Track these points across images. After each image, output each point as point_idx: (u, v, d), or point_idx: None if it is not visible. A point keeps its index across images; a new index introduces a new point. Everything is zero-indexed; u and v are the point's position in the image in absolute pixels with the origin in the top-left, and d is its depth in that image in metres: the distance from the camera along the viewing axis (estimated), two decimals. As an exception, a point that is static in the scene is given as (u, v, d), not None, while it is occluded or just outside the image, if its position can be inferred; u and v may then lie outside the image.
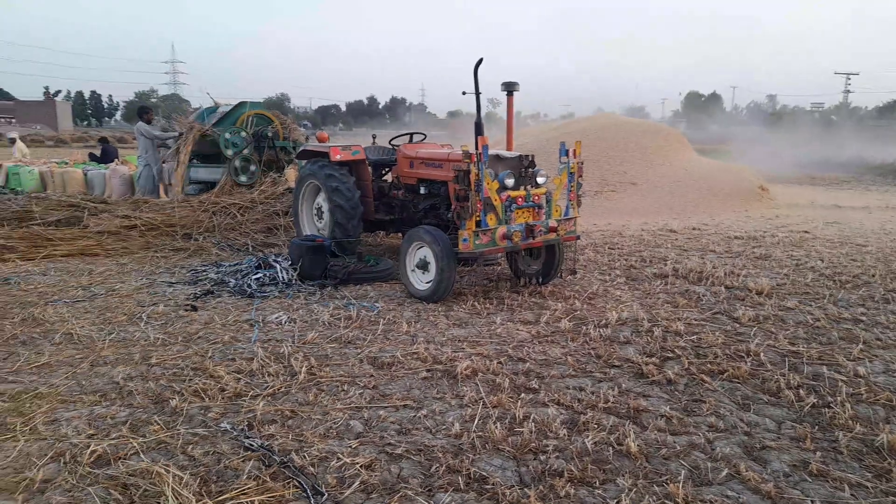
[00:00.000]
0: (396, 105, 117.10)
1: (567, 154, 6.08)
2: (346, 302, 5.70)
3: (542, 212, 5.98)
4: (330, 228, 7.07)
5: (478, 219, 5.51)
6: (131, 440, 3.06)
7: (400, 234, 8.27)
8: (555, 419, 3.34)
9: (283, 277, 6.33)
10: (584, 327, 4.98)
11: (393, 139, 7.66)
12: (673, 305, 5.70)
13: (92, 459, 2.88)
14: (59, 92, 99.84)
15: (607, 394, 3.69)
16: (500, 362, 4.21)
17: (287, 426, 3.27)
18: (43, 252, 7.35)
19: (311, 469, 2.83)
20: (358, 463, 2.88)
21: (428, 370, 4.09)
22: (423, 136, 7.69)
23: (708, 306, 5.68)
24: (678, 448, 3.08)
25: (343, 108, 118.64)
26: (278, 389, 3.74)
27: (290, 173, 10.74)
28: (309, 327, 4.96)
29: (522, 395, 3.70)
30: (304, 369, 4.00)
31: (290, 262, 6.58)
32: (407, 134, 7.64)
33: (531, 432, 3.17)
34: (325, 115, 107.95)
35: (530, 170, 6.03)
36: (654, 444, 3.11)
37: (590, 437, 3.14)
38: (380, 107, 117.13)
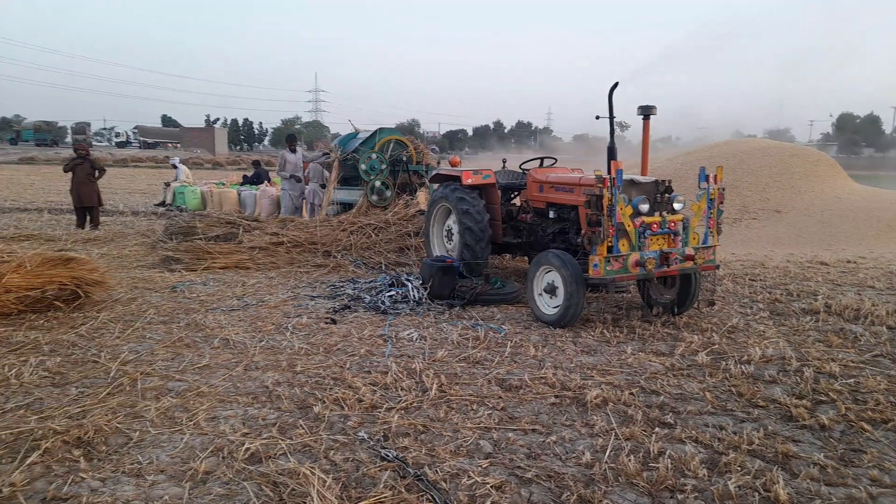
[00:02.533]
0: (522, 129, 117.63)
1: (707, 179, 5.83)
2: (474, 322, 5.80)
3: (679, 239, 5.76)
4: (459, 250, 7.24)
5: (609, 244, 5.42)
6: (280, 441, 3.31)
7: (526, 258, 8.31)
8: (693, 457, 3.18)
9: (414, 296, 6.56)
10: (724, 362, 4.71)
11: (523, 163, 7.73)
12: (826, 344, 5.24)
13: (246, 456, 3.15)
14: (217, 119, 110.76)
15: (751, 435, 3.47)
16: (631, 393, 4.08)
17: (420, 440, 3.38)
18: (204, 264, 8.14)
19: (444, 484, 2.91)
20: (488, 483, 2.91)
21: (556, 396, 4.06)
22: (553, 161, 7.70)
23: (867, 347, 5.16)
24: (834, 500, 2.83)
25: (470, 133, 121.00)
26: (411, 404, 3.87)
27: (422, 196, 11.15)
28: (439, 345, 5.10)
29: (657, 429, 3.57)
30: (434, 386, 4.11)
31: (420, 282, 6.81)
32: (537, 158, 7.68)
33: (667, 469, 3.04)
34: (453, 140, 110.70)
35: (667, 195, 5.84)
36: (807, 494, 2.88)
37: (732, 480, 2.96)
38: (505, 131, 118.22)
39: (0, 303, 5.43)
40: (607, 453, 3.24)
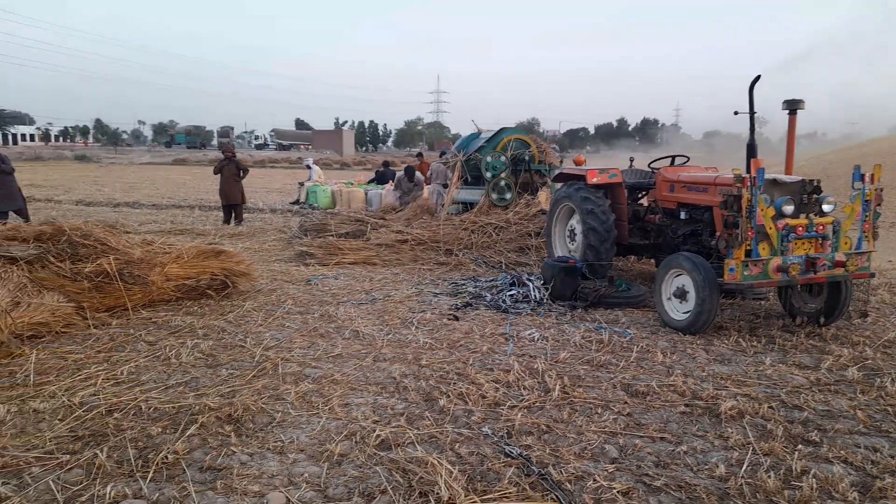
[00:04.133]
0: (648, 126, 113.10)
1: (862, 179, 5.32)
2: (598, 325, 5.68)
3: (828, 243, 5.31)
4: (582, 251, 7.12)
5: (748, 248, 5.10)
6: (408, 430, 3.44)
7: (653, 261, 8.01)
8: (842, 479, 2.94)
9: (535, 296, 6.54)
10: (879, 379, 4.29)
11: (652, 162, 7.46)
12: None
13: (377, 442, 3.31)
14: (345, 122, 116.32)
15: (913, 461, 3.14)
16: (771, 407, 3.83)
17: (543, 440, 3.38)
18: (335, 259, 8.60)
19: (568, 486, 2.89)
20: (615, 488, 2.86)
21: (686, 405, 3.89)
22: (685, 159, 7.36)
23: None
24: None
25: (591, 131, 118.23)
26: (533, 403, 3.88)
27: (543, 195, 11.07)
28: (561, 347, 5.05)
29: (800, 446, 3.32)
30: (557, 387, 4.09)
31: (542, 282, 6.78)
32: (668, 157, 7.38)
33: (812, 489, 2.83)
34: (574, 138, 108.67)
35: (814, 196, 5.41)
36: (983, 532, 2.56)
37: (890, 508, 2.70)
38: (629, 128, 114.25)
39: (161, 290, 6.05)
40: (744, 467, 3.07)
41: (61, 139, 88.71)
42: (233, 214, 12.72)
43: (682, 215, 6.55)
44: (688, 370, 4.53)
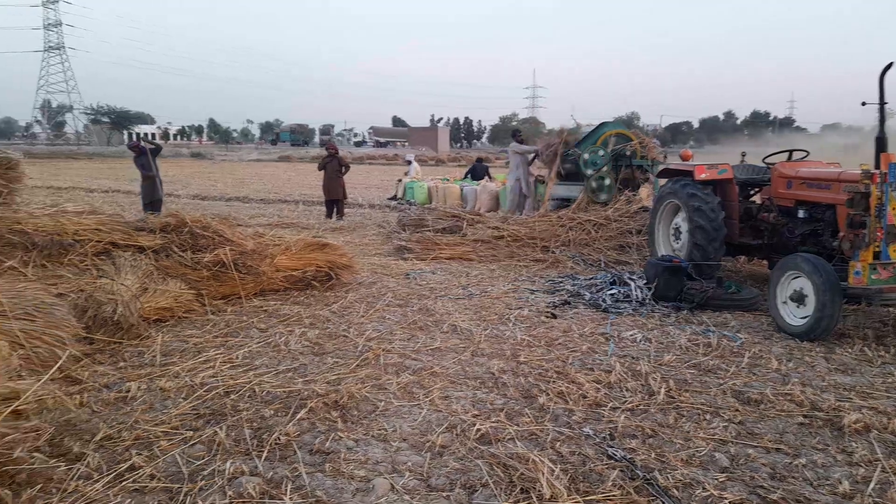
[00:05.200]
0: (758, 119, 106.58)
1: None
2: (705, 328, 5.43)
3: (974, 246, 4.80)
4: (688, 250, 6.82)
5: (877, 249, 4.71)
6: (507, 426, 3.44)
7: (765, 261, 7.55)
8: None
9: (637, 295, 6.34)
10: None
11: (767, 157, 7.03)
12: None
13: (477, 436, 3.33)
14: (440, 119, 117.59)
15: None
16: (903, 423, 3.51)
17: (648, 444, 3.28)
18: (432, 254, 8.73)
19: (675, 492, 2.79)
20: (726, 498, 2.73)
21: (805, 416, 3.65)
22: (804, 153, 6.88)
23: None
24: None
25: (695, 125, 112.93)
26: (637, 406, 3.77)
27: (645, 192, 10.71)
28: (665, 349, 4.88)
29: (939, 467, 3.03)
30: (662, 390, 3.95)
31: (644, 281, 6.57)
32: (785, 151, 6.93)
33: (955, 516, 2.58)
34: (676, 133, 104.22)
35: (956, 194, 4.90)
36: None
37: None
38: (738, 122, 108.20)
39: (271, 280, 6.38)
40: (871, 485, 2.84)
41: (179, 137, 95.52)
42: (334, 209, 13.19)
43: (801, 214, 6.13)
44: (806, 379, 4.24)
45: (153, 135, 76.72)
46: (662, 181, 8.01)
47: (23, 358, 3.77)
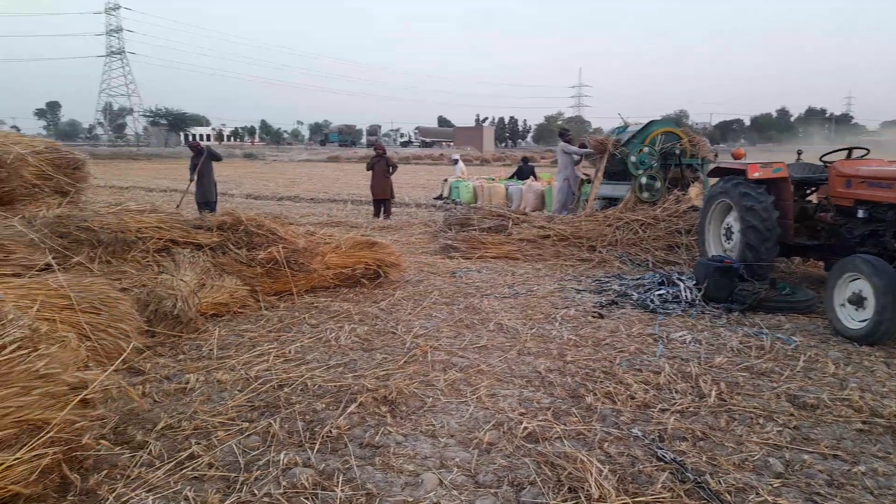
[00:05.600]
0: (813, 116, 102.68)
1: None
2: (757, 330, 5.30)
3: None
4: (739, 250, 6.67)
5: (944, 251, 4.51)
6: (554, 425, 3.45)
7: (821, 263, 7.31)
8: None
9: (686, 296, 6.23)
10: None
11: (825, 155, 6.81)
12: None
13: (524, 434, 3.35)
14: (486, 119, 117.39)
15: None
16: (971, 432, 3.37)
17: (698, 447, 3.23)
18: (477, 253, 8.77)
19: (728, 497, 2.75)
20: (781, 504, 2.68)
21: (864, 422, 3.54)
22: (864, 152, 6.63)
23: None
24: None
25: (747, 123, 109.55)
26: (686, 408, 3.72)
27: (694, 191, 10.49)
28: (716, 351, 4.79)
29: None
30: (713, 393, 3.89)
31: (694, 282, 6.44)
32: (844, 149, 6.69)
33: None
34: (726, 131, 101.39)
35: None
36: None
37: None
38: (791, 119, 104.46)
39: (322, 277, 6.52)
40: (937, 497, 2.74)
41: (232, 139, 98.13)
42: (382, 209, 13.35)
43: (861, 214, 5.91)
44: (865, 384, 4.10)
45: (207, 136, 79.03)
46: (713, 180, 7.84)
47: (89, 349, 3.97)
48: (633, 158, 10.09)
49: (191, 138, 36.87)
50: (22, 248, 4.73)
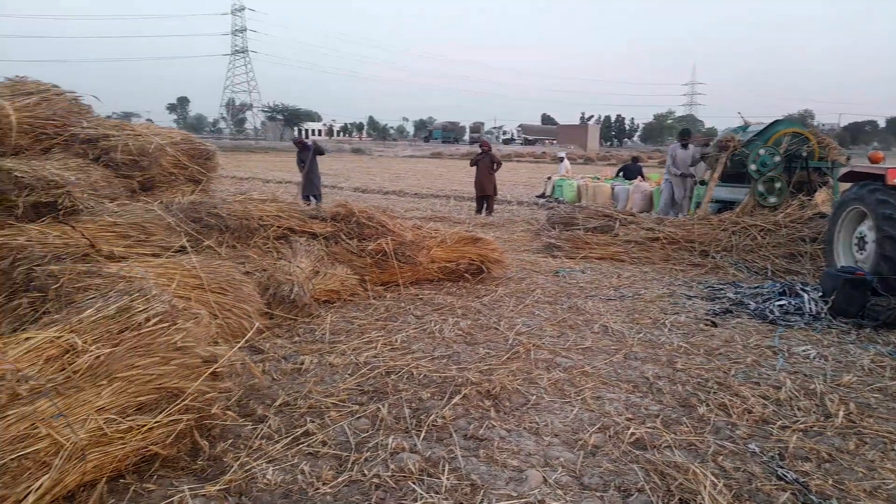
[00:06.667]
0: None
1: None
2: (893, 349, 4.86)
3: None
4: (874, 262, 6.13)
5: None
6: (664, 434, 3.34)
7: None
8: None
9: (810, 309, 5.81)
10: None
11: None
12: None
13: (631, 440, 3.27)
14: (591, 116, 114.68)
15: None
16: None
17: (824, 469, 3.02)
18: (581, 253, 8.62)
19: (857, 524, 2.55)
20: (921, 539, 2.45)
21: None
22: None
23: None
24: None
25: (882, 125, 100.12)
26: (810, 427, 3.48)
27: (821, 196, 9.74)
28: (844, 369, 4.44)
29: None
30: (841, 413, 3.61)
31: (820, 294, 6.00)
32: None
33: None
34: (857, 133, 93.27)
35: None
36: None
37: None
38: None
39: (426, 270, 6.65)
40: None
41: (341, 134, 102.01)
42: (484, 205, 13.41)
43: None
44: None
45: (318, 131, 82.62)
46: (845, 185, 7.25)
47: (217, 327, 4.27)
48: (754, 160, 9.52)
49: (303, 134, 38.67)
50: (161, 231, 5.16)
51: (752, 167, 9.52)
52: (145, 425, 2.87)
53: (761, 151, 9.50)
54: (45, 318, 3.33)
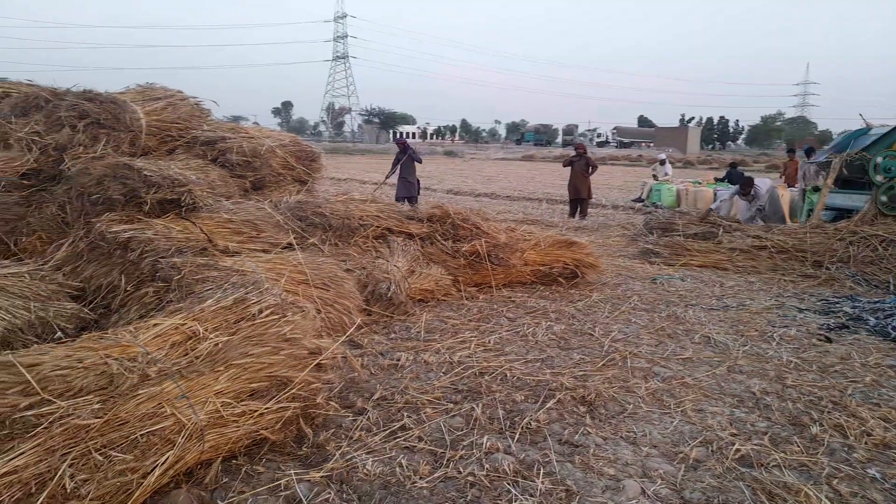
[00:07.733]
0: None
1: None
2: None
3: None
4: None
5: None
6: (772, 452, 3.17)
7: None
8: None
9: (940, 328, 5.32)
10: None
11: None
12: None
13: (736, 457, 3.13)
14: (691, 119, 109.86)
15: None
16: None
17: (957, 502, 2.77)
18: (681, 260, 8.30)
19: None
20: None
21: None
22: None
23: None
24: None
25: None
26: (941, 456, 3.20)
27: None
28: (982, 395, 4.04)
29: None
30: (978, 443, 3.29)
31: (953, 312, 5.49)
32: None
33: None
34: None
35: None
36: None
37: None
38: None
39: (520, 273, 6.65)
40: None
41: (435, 137, 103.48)
42: (578, 209, 13.21)
43: None
44: None
45: (413, 134, 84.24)
46: None
47: (321, 321, 4.47)
48: (877, 163, 8.82)
49: (399, 136, 39.57)
50: (270, 228, 5.46)
51: (874, 172, 8.82)
52: (257, 410, 3.06)
53: (882, 158, 8.78)
54: (170, 307, 3.61)
